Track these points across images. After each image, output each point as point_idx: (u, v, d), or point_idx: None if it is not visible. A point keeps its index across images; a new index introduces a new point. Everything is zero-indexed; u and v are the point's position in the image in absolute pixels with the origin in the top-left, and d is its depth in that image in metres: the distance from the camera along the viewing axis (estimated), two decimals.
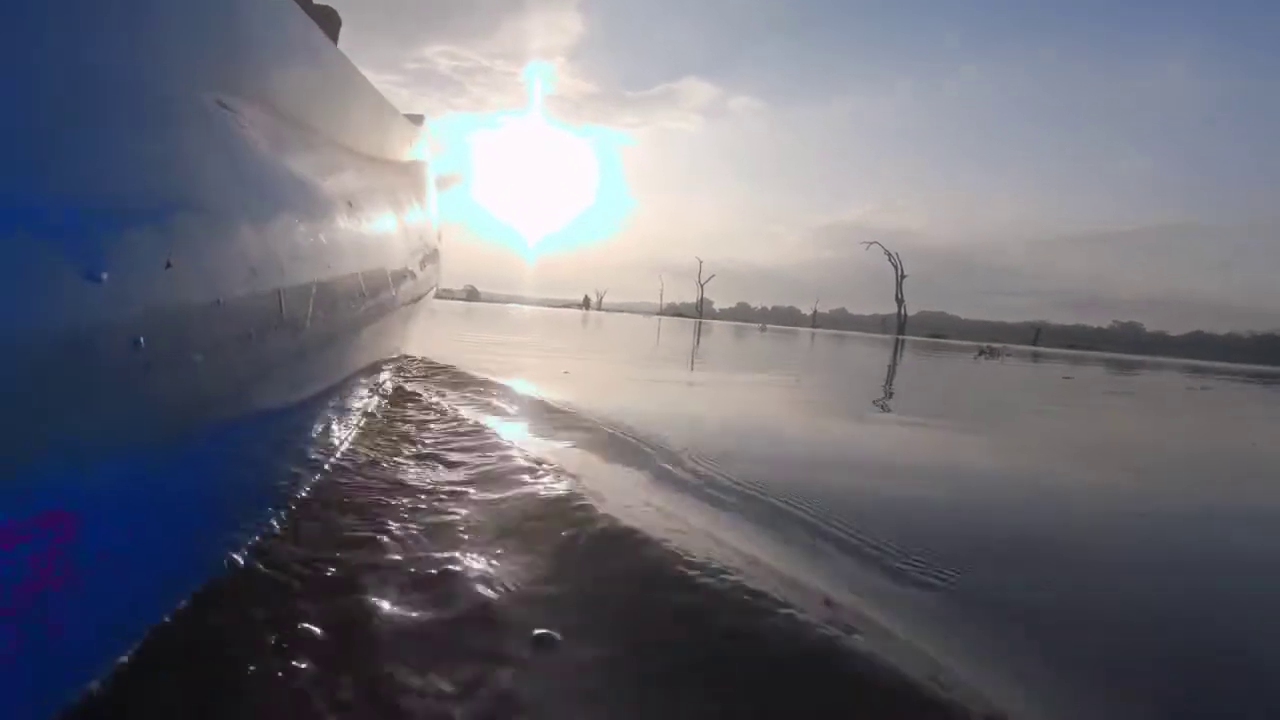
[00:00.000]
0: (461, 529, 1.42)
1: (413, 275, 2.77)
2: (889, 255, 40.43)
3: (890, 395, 5.84)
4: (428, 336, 5.87)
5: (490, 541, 1.35)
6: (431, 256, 3.57)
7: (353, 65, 2.38)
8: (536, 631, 0.98)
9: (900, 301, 40.15)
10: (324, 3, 2.79)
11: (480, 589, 1.14)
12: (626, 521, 1.38)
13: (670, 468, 2.07)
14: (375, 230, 2.11)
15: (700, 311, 52.47)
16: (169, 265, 0.79)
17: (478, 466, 1.87)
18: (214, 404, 0.92)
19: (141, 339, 0.71)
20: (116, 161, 0.78)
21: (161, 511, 0.85)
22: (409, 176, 3.26)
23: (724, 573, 1.12)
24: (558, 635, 0.97)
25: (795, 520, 1.65)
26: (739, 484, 1.90)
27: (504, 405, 3.12)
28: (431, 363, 4.40)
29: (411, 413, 2.77)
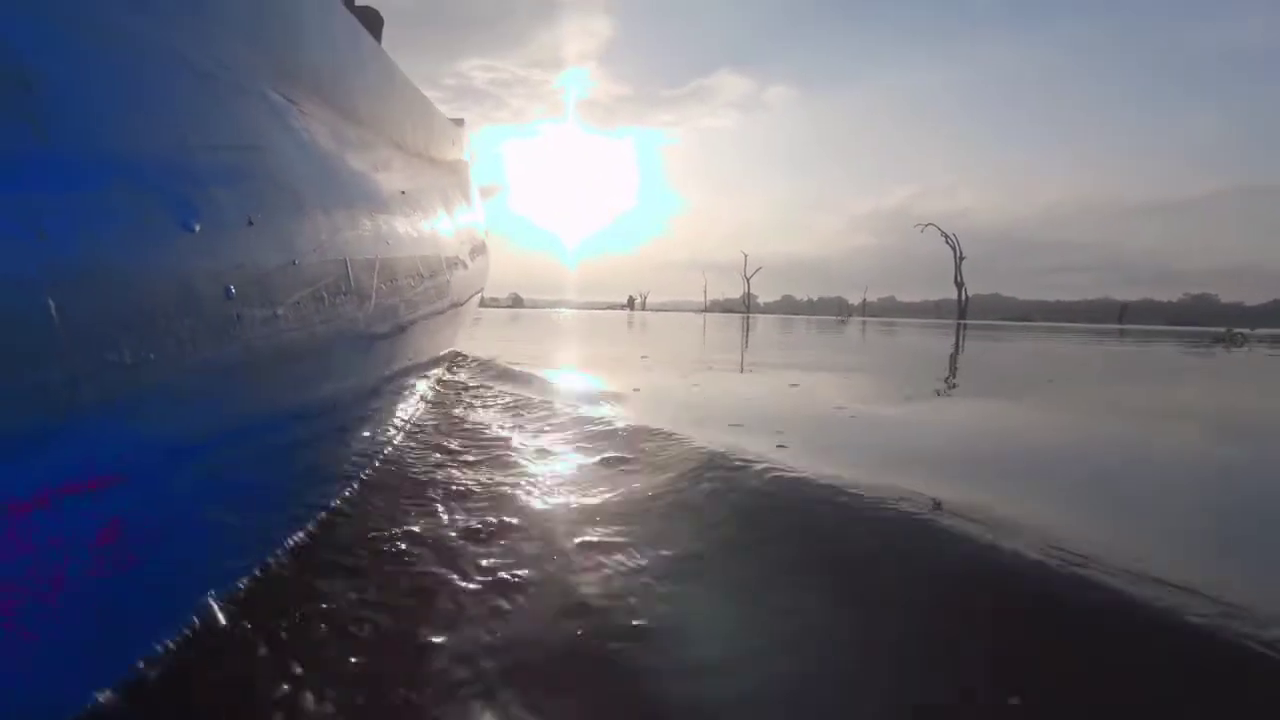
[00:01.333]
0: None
1: (464, 265, 2.86)
2: (946, 237, 37.91)
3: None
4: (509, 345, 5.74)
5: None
6: (480, 249, 3.67)
7: (397, 65, 2.48)
8: None
9: (960, 285, 38.06)
10: (365, 3, 2.89)
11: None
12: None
13: None
14: (428, 217, 2.19)
15: (748, 306, 51.63)
16: (250, 223, 0.85)
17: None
18: (298, 358, 0.98)
19: (231, 287, 0.77)
20: (199, 132, 0.84)
21: (248, 468, 0.91)
22: (455, 175, 3.36)
23: None
24: None
25: None
26: None
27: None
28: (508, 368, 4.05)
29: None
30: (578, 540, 1.22)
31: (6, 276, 0.48)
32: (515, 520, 1.32)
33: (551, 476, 1.67)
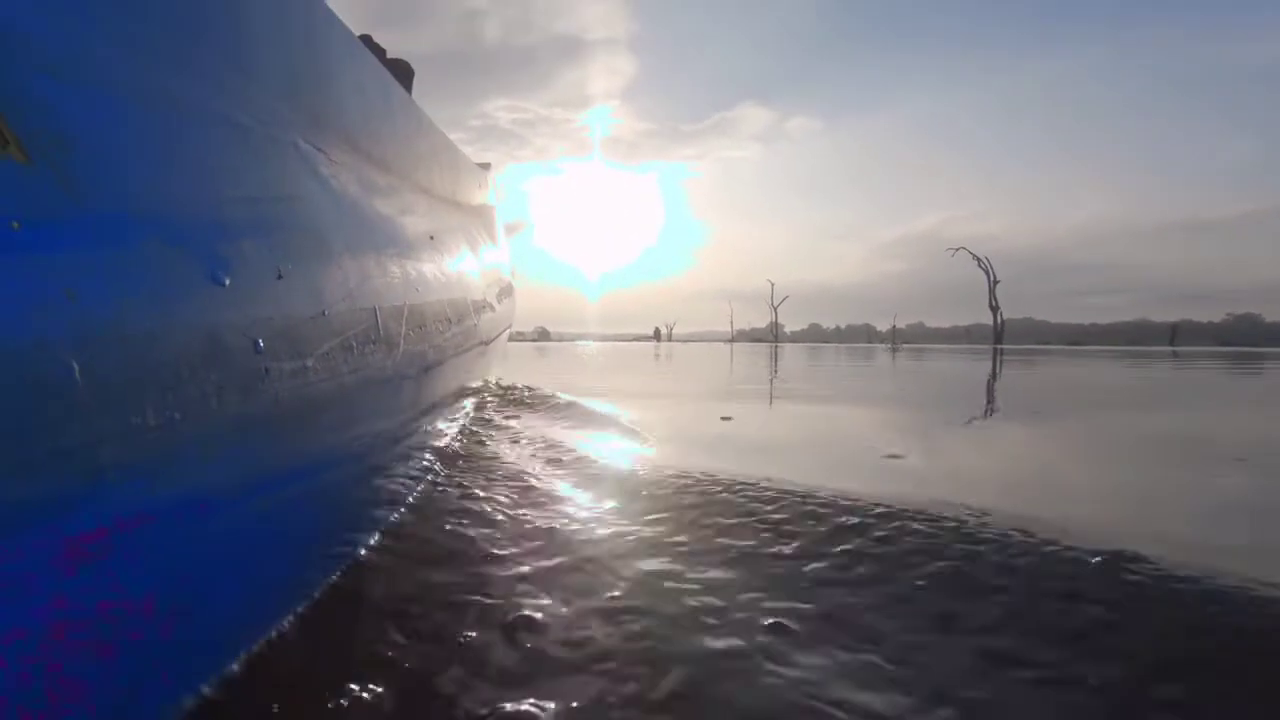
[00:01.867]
0: None
1: (491, 307, 2.88)
2: (978, 261, 36.33)
3: None
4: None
5: None
6: (507, 291, 3.72)
7: (425, 114, 2.54)
8: None
9: (995, 309, 36.69)
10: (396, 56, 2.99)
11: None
12: None
13: None
14: (455, 261, 2.22)
15: (776, 335, 51.12)
16: (280, 276, 0.85)
17: None
18: (325, 408, 0.97)
19: (260, 340, 0.76)
20: (232, 185, 0.85)
21: (290, 510, 0.90)
22: (482, 218, 3.42)
23: None
24: None
25: None
26: None
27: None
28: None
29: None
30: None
31: (34, 340, 0.48)
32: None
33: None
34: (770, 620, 1.02)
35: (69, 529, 0.52)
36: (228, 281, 0.72)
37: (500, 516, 1.60)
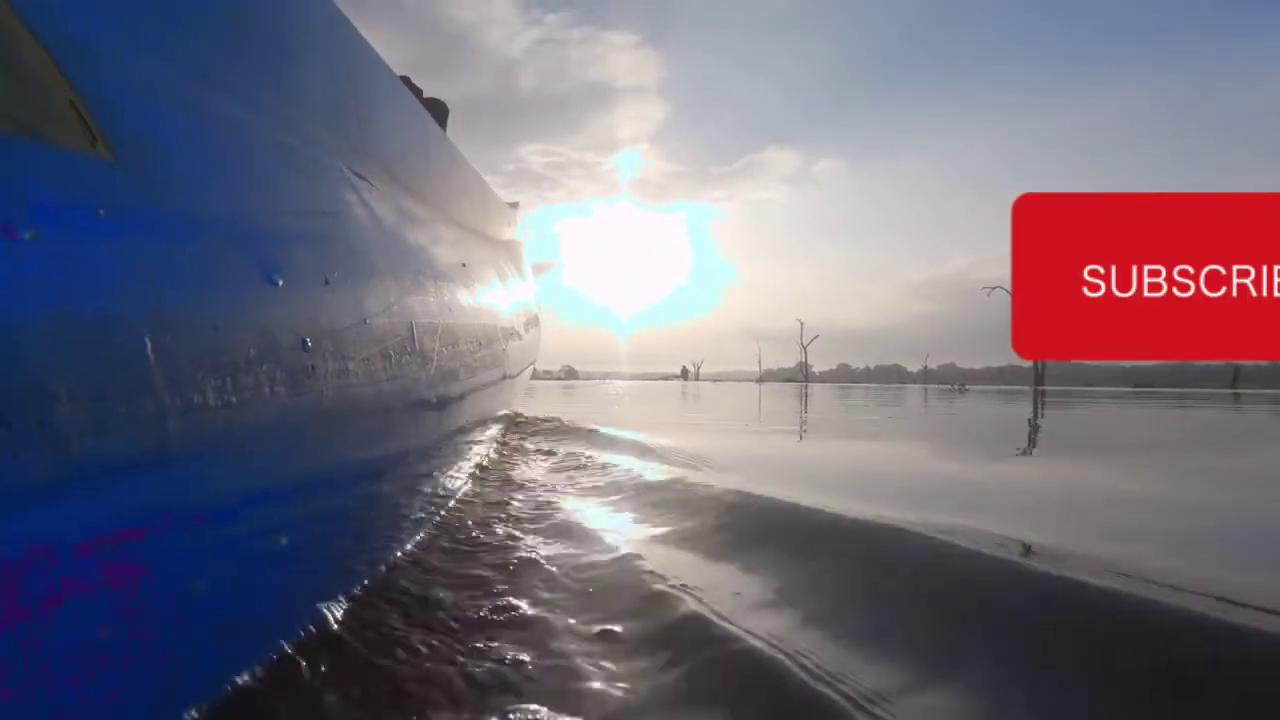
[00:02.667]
0: None
1: (518, 335, 2.95)
2: None
3: None
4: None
5: None
6: (533, 322, 3.80)
7: (458, 150, 2.67)
8: None
9: None
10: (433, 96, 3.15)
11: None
12: None
13: None
14: (485, 290, 2.30)
15: (806, 375, 50.46)
16: (327, 282, 0.91)
17: None
18: (366, 412, 1.01)
19: (308, 339, 0.82)
20: (283, 197, 0.92)
21: (314, 514, 0.93)
22: (510, 253, 3.53)
23: None
24: None
25: None
26: None
27: None
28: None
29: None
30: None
31: (116, 316, 0.53)
32: None
33: None
34: None
35: (136, 493, 0.56)
36: (280, 282, 0.77)
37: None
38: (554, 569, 1.33)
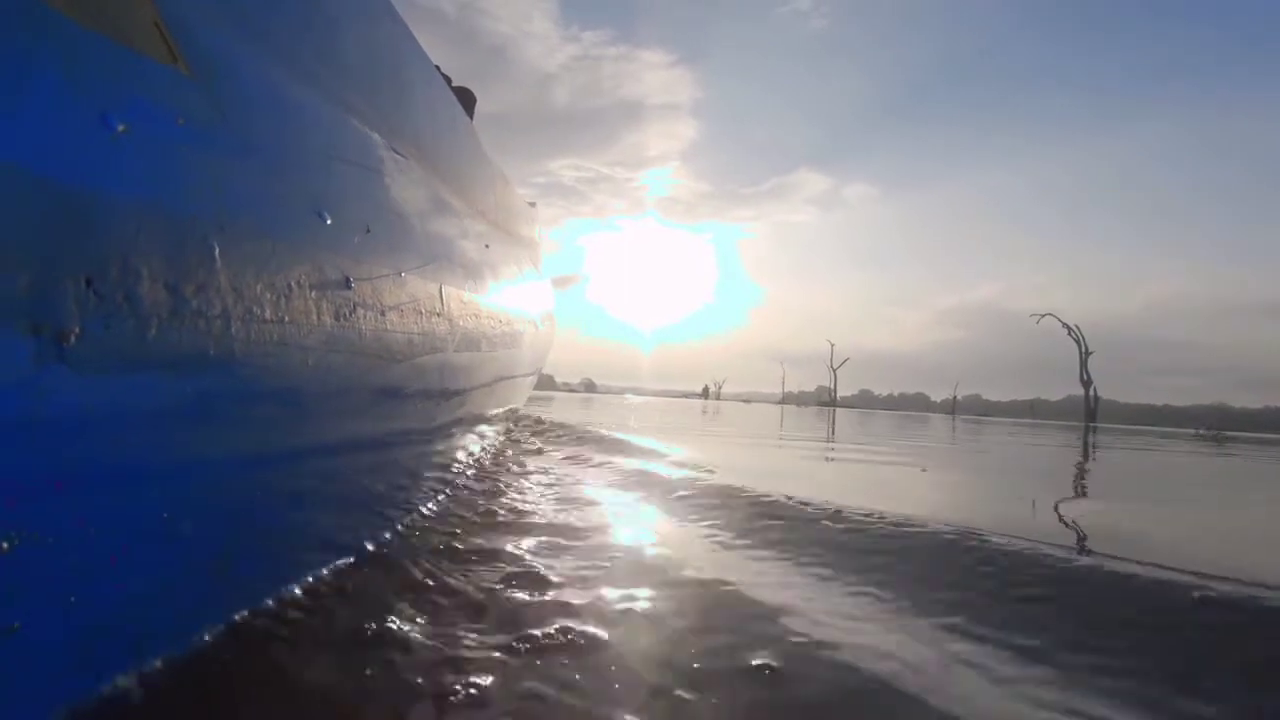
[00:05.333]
0: None
1: (535, 324, 3.03)
2: (1069, 330, 31.51)
3: None
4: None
5: None
6: (547, 317, 3.88)
7: (480, 141, 2.74)
8: None
9: (1088, 383, 31.20)
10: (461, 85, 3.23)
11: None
12: None
13: None
14: (505, 273, 2.37)
15: (834, 399, 48.92)
16: (368, 230, 0.98)
17: None
18: (397, 357, 1.08)
19: (350, 278, 0.89)
20: (327, 144, 0.99)
21: (354, 481, 1.01)
22: (528, 249, 3.61)
23: None
24: None
25: None
26: None
27: None
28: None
29: None
30: None
31: (189, 218, 0.60)
32: None
33: None
34: None
35: (186, 388, 0.62)
36: (329, 220, 0.85)
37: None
38: None
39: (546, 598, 1.05)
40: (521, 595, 1.05)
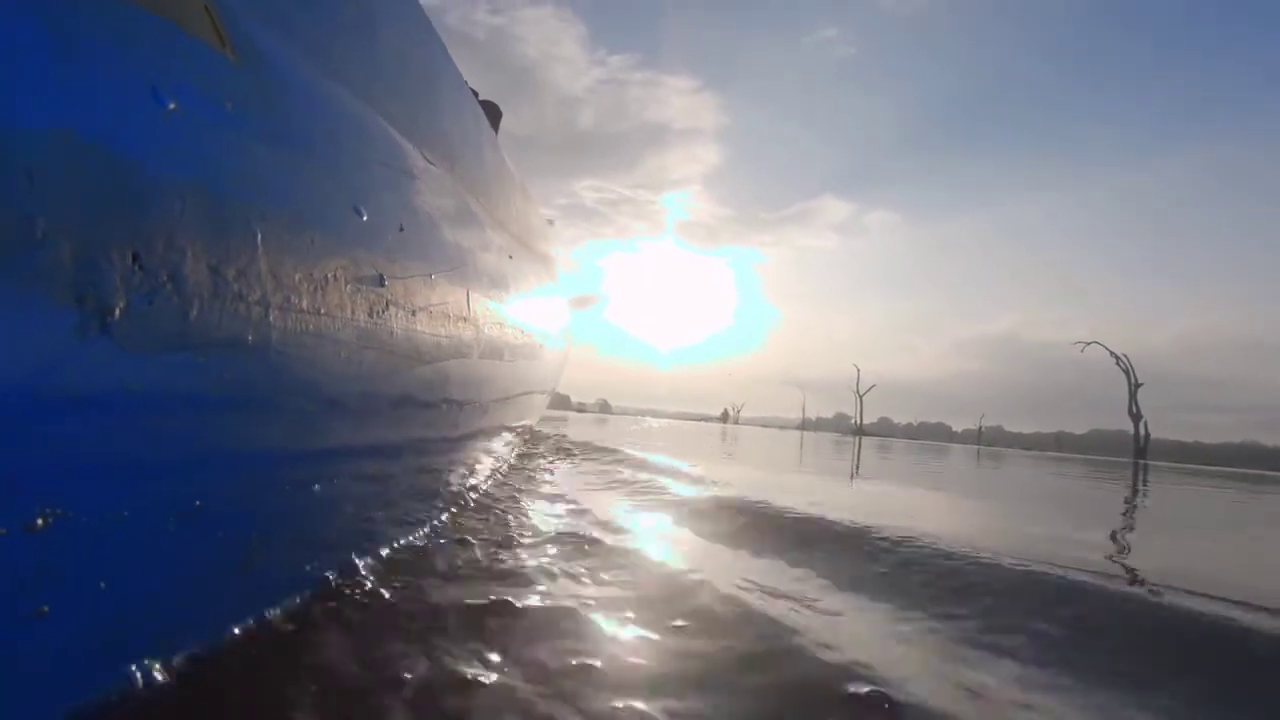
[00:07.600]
0: None
1: (553, 337, 3.05)
2: (1117, 360, 29.38)
3: None
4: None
5: None
6: (564, 332, 3.90)
7: (504, 155, 2.77)
8: None
9: (1138, 417, 28.93)
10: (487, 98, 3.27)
11: None
12: None
13: None
14: (526, 284, 2.38)
15: (860, 428, 46.52)
16: (401, 229, 0.99)
17: None
18: (426, 358, 1.08)
19: (384, 276, 0.89)
20: (363, 143, 1.00)
21: (376, 448, 1.00)
22: (546, 264, 3.64)
23: None
24: None
25: None
26: None
27: None
28: None
29: None
30: None
31: (240, 202, 0.61)
32: None
33: None
34: None
35: (232, 375, 0.62)
36: (365, 216, 0.85)
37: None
38: None
39: None
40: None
